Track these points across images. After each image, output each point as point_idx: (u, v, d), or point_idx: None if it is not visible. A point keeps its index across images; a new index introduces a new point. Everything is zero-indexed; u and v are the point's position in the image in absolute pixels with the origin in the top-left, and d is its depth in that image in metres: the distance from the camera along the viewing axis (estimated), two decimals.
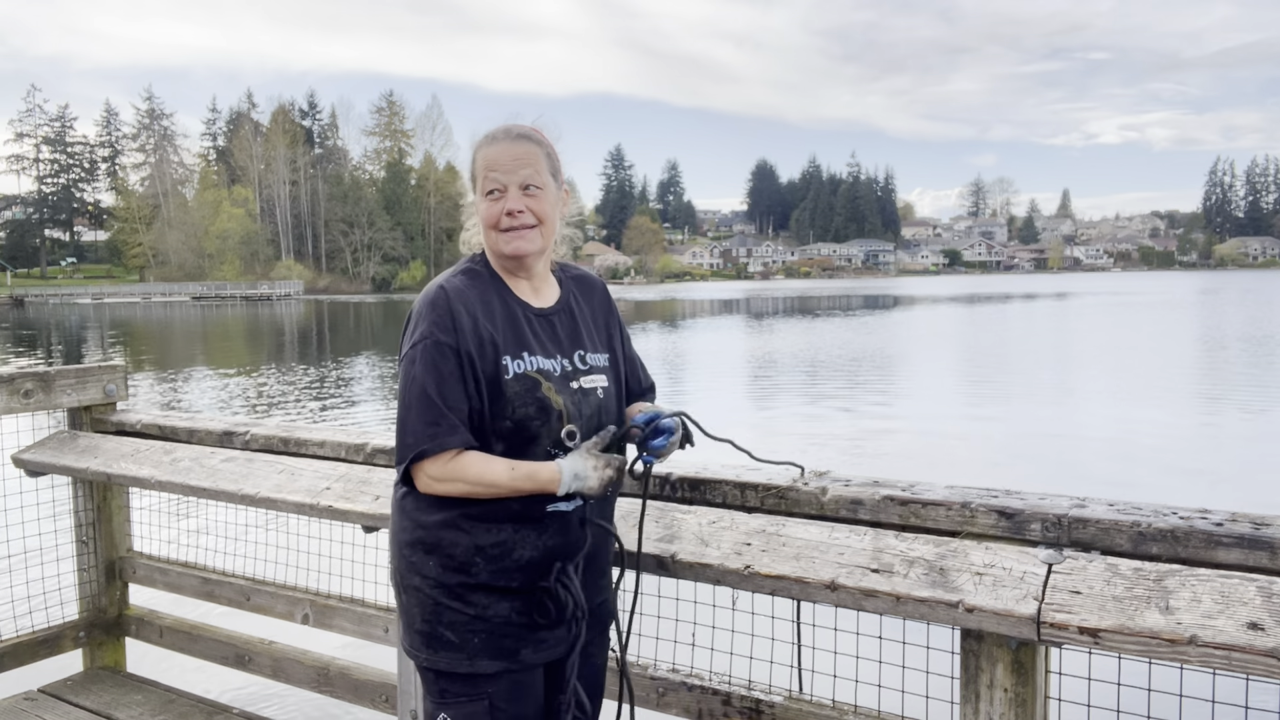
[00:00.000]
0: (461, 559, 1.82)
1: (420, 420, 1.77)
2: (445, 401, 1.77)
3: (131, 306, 76.15)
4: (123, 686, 3.33)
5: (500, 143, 1.89)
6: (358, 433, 2.90)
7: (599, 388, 1.94)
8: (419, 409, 1.77)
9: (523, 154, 1.88)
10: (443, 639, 1.83)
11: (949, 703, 1.89)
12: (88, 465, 3.23)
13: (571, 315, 1.98)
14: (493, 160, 1.88)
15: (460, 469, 1.78)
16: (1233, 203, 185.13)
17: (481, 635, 1.83)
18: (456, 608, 1.82)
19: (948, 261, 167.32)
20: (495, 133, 1.91)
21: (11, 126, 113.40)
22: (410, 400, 1.79)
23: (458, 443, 1.77)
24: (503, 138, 1.89)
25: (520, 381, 1.82)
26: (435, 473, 1.78)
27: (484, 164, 1.88)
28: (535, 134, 1.91)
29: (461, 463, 1.78)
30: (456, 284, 1.86)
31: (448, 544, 1.82)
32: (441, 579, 1.83)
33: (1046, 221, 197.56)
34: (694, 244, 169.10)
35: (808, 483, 2.06)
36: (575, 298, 2.02)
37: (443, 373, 1.77)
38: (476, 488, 1.78)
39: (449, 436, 1.76)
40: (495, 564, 1.82)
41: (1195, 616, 1.52)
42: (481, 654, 1.83)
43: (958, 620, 1.71)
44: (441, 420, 1.76)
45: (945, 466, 11.10)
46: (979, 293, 78.25)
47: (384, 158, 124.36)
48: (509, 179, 1.87)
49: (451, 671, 1.83)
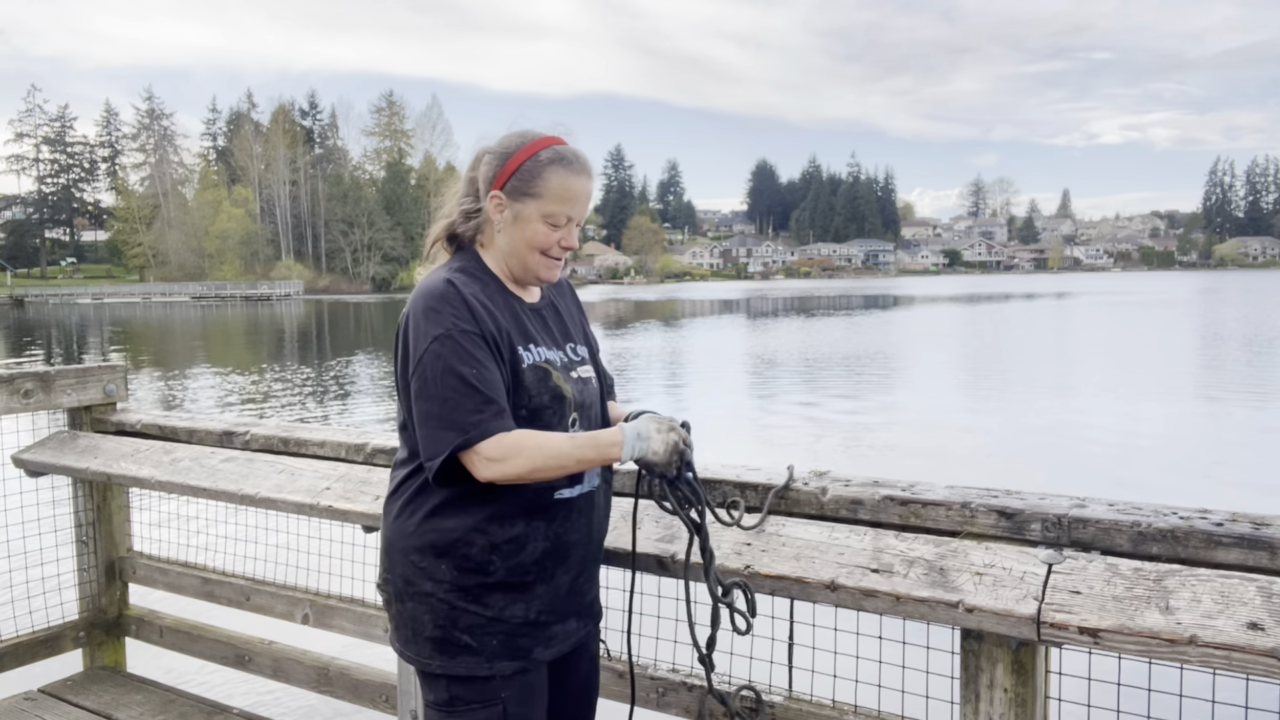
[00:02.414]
0: (479, 559, 1.79)
1: (464, 409, 1.71)
2: (488, 385, 1.73)
3: (131, 306, 76.15)
4: (123, 686, 3.33)
5: (580, 176, 1.86)
6: (358, 433, 2.90)
7: (591, 378, 1.97)
8: (461, 399, 1.71)
9: (589, 191, 1.88)
10: (459, 643, 1.80)
11: (949, 703, 1.89)
12: (88, 465, 3.22)
13: (556, 310, 2.00)
14: (571, 192, 1.85)
15: (520, 443, 1.71)
16: (1233, 203, 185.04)
17: (500, 636, 1.81)
18: (475, 610, 1.79)
19: (948, 261, 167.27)
20: (572, 159, 1.86)
21: (11, 126, 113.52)
22: (446, 393, 1.71)
23: (506, 425, 1.73)
24: (580, 170, 1.86)
25: (534, 371, 1.82)
26: (494, 453, 1.70)
27: (559, 192, 1.84)
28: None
29: (519, 438, 1.72)
30: (461, 279, 1.83)
31: (463, 545, 1.79)
32: (458, 581, 1.79)
33: (1046, 221, 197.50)
34: (694, 244, 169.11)
35: (808, 483, 2.06)
36: (553, 294, 2.03)
37: (479, 358, 1.73)
38: (539, 459, 1.71)
39: (496, 420, 1.72)
40: (511, 559, 1.80)
41: (1195, 616, 1.52)
42: (500, 655, 1.81)
43: (958, 620, 1.71)
44: (487, 406, 1.71)
45: (945, 466, 11.10)
46: (979, 292, 78.23)
47: (384, 158, 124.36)
48: (576, 215, 1.87)
49: (470, 676, 1.80)
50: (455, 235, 1.94)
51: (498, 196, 1.86)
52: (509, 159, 1.86)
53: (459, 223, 1.93)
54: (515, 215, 1.86)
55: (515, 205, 1.85)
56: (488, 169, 1.88)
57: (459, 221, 1.93)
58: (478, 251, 1.93)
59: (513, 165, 1.85)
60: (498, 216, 1.88)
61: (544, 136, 1.87)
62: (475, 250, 1.93)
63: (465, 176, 1.95)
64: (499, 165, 1.86)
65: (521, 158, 1.84)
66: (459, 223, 1.93)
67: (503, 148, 1.88)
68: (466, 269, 1.88)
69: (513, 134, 1.90)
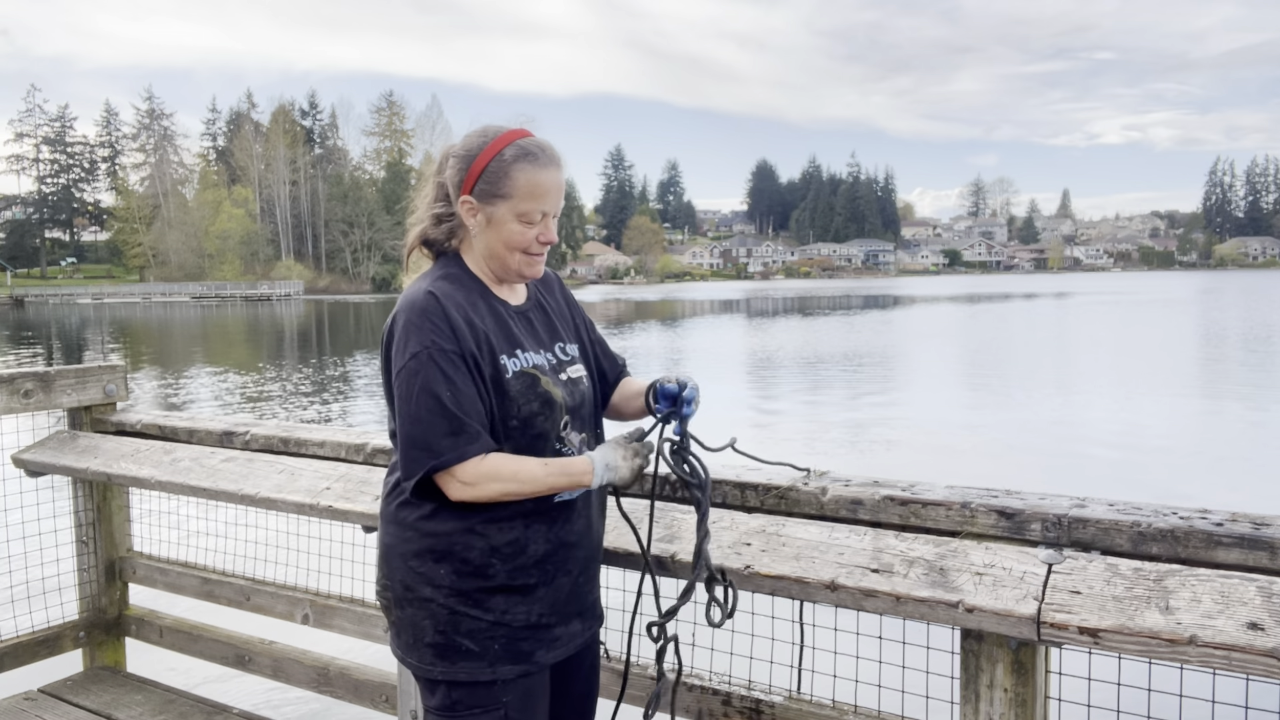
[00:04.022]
0: (478, 562, 1.78)
1: (438, 431, 1.71)
2: (463, 409, 1.72)
3: (131, 306, 76.12)
4: (123, 686, 3.33)
5: (548, 169, 1.81)
6: (358, 433, 2.90)
7: (582, 377, 1.95)
8: (435, 420, 1.71)
9: (560, 182, 1.84)
10: (460, 648, 1.79)
11: (949, 703, 1.89)
12: (88, 465, 3.22)
13: (544, 310, 1.98)
14: (541, 188, 1.80)
15: (494, 469, 1.73)
16: (1233, 203, 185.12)
17: (502, 640, 1.80)
18: (475, 615, 1.79)
19: (948, 261, 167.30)
20: (537, 153, 1.81)
21: (11, 127, 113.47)
22: (420, 413, 1.71)
23: (482, 449, 1.73)
24: (548, 163, 1.81)
25: (521, 379, 1.81)
26: (468, 477, 1.72)
27: (528, 187, 1.79)
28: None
29: (494, 463, 1.73)
30: (443, 288, 1.80)
31: (461, 549, 1.78)
32: (457, 586, 1.78)
33: (1046, 221, 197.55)
34: (694, 244, 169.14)
35: (808, 483, 2.06)
36: (541, 293, 2.01)
37: (455, 380, 1.72)
38: (511, 485, 1.74)
39: (472, 444, 1.72)
40: (511, 563, 1.80)
41: (1195, 616, 1.52)
42: (502, 659, 1.80)
43: (958, 620, 1.71)
44: (463, 429, 1.72)
45: (945, 466, 11.10)
46: (979, 292, 78.23)
47: (384, 158, 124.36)
48: (550, 208, 1.83)
49: (473, 681, 1.79)
50: (430, 241, 1.91)
51: (468, 201, 1.83)
52: (473, 161, 1.82)
53: (430, 228, 1.90)
54: (489, 218, 1.83)
55: (487, 208, 1.82)
56: (454, 173, 1.85)
57: (430, 227, 1.90)
58: (460, 255, 1.90)
59: (478, 167, 1.81)
60: (471, 221, 1.85)
61: (506, 132, 1.83)
62: (458, 254, 1.90)
63: (433, 181, 1.91)
64: (464, 169, 1.83)
65: (485, 158, 1.81)
66: (430, 228, 1.90)
67: (465, 149, 1.84)
68: (449, 275, 1.85)
69: (474, 133, 1.86)
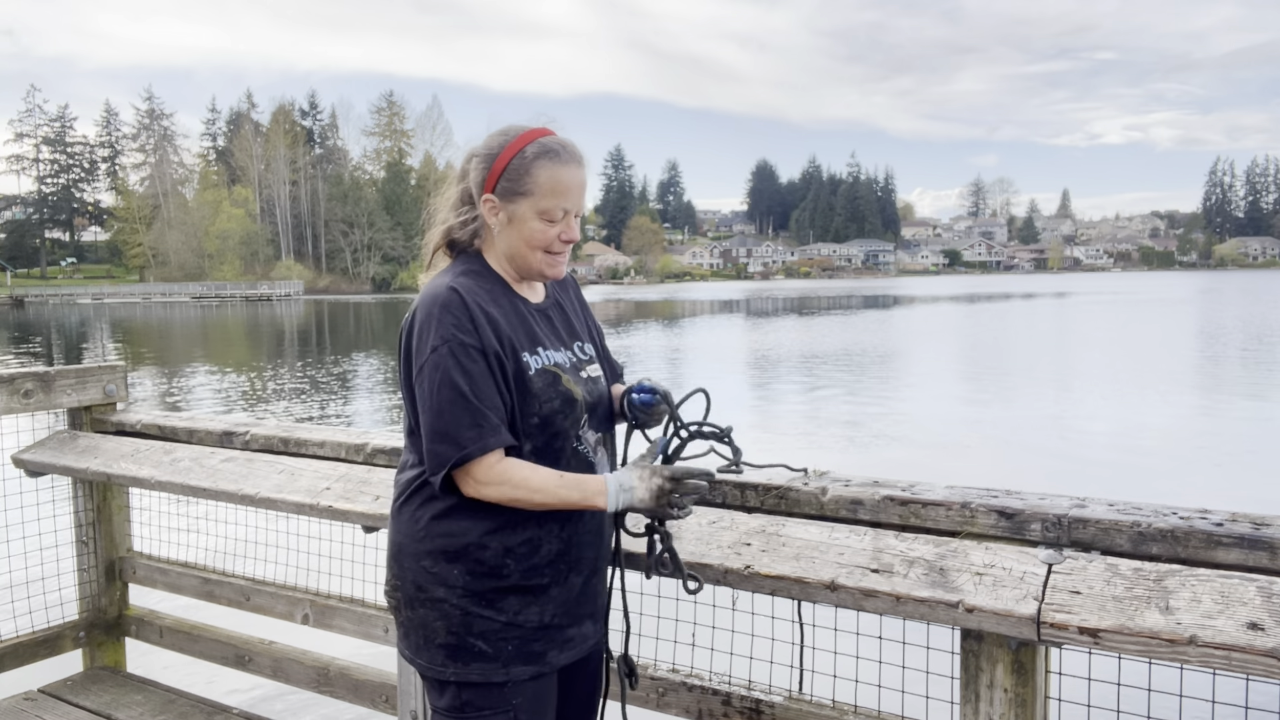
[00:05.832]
0: (492, 562, 1.78)
1: (461, 423, 1.70)
2: (483, 402, 1.72)
3: (131, 307, 76.13)
4: (123, 687, 3.33)
5: (569, 166, 1.81)
6: (357, 433, 2.90)
7: (600, 376, 1.96)
8: (458, 412, 1.70)
9: (583, 180, 1.84)
10: (473, 649, 1.78)
11: (949, 703, 1.89)
12: (88, 465, 3.22)
13: (562, 309, 1.98)
14: (563, 184, 1.80)
15: (507, 473, 1.73)
16: (1232, 203, 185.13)
17: (515, 641, 1.80)
18: (489, 615, 1.78)
19: (948, 261, 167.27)
20: (559, 150, 1.82)
21: (11, 127, 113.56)
22: (442, 405, 1.71)
23: (503, 441, 1.73)
24: (569, 160, 1.82)
25: (542, 376, 1.81)
26: (482, 476, 1.72)
27: (549, 184, 1.80)
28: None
29: (508, 467, 1.73)
30: (465, 283, 1.80)
31: (476, 548, 1.77)
32: (471, 586, 1.78)
33: (1046, 221, 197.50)
34: (694, 244, 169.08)
35: (807, 483, 2.06)
36: (558, 292, 2.01)
37: (474, 374, 1.72)
38: (521, 492, 1.73)
39: (493, 436, 1.72)
40: (525, 562, 1.79)
41: (1195, 616, 1.51)
42: (515, 660, 1.80)
43: (958, 620, 1.71)
44: (484, 421, 1.71)
45: (945, 465, 11.10)
46: (979, 292, 78.24)
47: (384, 158, 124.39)
48: (572, 206, 1.83)
49: (485, 682, 1.78)
50: (454, 241, 1.92)
51: (490, 200, 1.84)
52: (495, 160, 1.82)
53: (456, 229, 1.91)
54: (510, 216, 1.83)
55: (509, 206, 1.83)
56: (477, 174, 1.86)
57: (456, 228, 1.91)
58: (481, 253, 1.91)
59: (500, 165, 1.82)
60: (493, 220, 1.85)
61: (528, 130, 1.84)
62: (479, 252, 1.91)
63: (458, 187, 1.92)
64: (486, 168, 1.84)
65: (507, 156, 1.81)
66: (456, 229, 1.91)
67: (488, 149, 1.85)
68: (471, 272, 1.86)
69: (495, 133, 1.87)
